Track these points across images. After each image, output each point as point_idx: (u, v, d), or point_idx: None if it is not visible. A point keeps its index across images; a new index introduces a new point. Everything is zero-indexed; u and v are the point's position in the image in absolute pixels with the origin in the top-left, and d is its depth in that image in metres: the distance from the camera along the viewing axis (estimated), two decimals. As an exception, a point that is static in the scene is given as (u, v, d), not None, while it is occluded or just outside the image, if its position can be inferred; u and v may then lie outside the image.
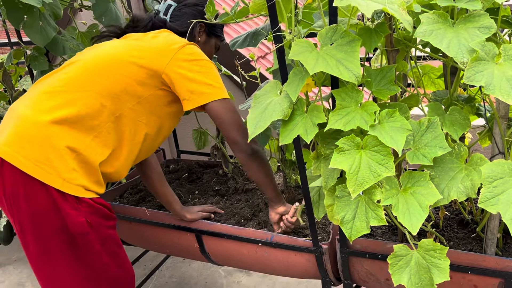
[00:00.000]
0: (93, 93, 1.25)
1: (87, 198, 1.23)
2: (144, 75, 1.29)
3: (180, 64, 1.28)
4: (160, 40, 1.34)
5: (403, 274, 1.01)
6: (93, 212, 1.24)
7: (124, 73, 1.28)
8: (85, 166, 1.23)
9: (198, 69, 1.29)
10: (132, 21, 1.48)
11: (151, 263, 2.51)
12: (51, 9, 1.44)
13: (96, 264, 1.28)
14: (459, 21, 0.97)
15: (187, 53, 1.30)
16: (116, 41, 1.39)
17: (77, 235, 1.23)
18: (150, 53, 1.30)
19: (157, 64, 1.29)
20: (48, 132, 1.19)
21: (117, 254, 1.34)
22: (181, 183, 1.97)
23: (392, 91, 1.06)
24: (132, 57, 1.29)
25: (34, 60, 1.53)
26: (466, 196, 1.00)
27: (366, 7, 0.90)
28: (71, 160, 1.21)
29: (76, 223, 1.21)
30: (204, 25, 1.47)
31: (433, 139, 1.00)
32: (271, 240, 1.42)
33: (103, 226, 1.28)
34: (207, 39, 1.52)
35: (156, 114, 1.35)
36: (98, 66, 1.29)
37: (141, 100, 1.30)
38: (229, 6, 3.24)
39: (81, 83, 1.26)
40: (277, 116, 1.06)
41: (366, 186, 0.95)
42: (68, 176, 1.20)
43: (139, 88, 1.29)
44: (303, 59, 0.96)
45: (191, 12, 1.47)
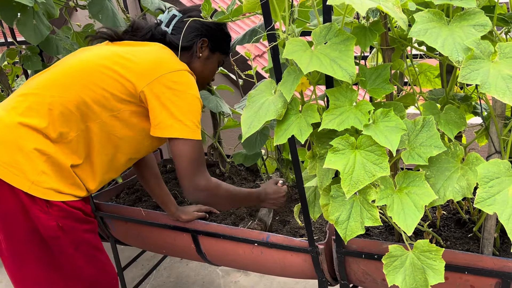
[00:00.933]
0: (64, 100, 1.21)
1: (58, 202, 1.20)
2: (121, 89, 1.23)
3: (161, 88, 1.22)
4: (151, 57, 1.27)
5: (398, 275, 1.00)
6: (66, 215, 1.22)
7: (100, 84, 1.22)
8: (57, 169, 1.21)
9: (176, 101, 1.22)
10: (131, 28, 1.40)
11: (148, 263, 2.50)
12: (44, 7, 1.43)
13: (69, 267, 1.26)
14: (454, 19, 0.96)
15: (173, 80, 1.23)
16: (104, 48, 1.33)
17: (48, 238, 1.21)
18: (135, 69, 1.24)
19: (137, 80, 1.23)
20: (17, 134, 1.17)
21: (94, 257, 1.32)
22: (177, 183, 1.96)
23: (387, 90, 1.05)
24: (113, 71, 1.23)
25: (27, 59, 1.52)
26: (462, 196, 0.99)
27: (360, 5, 0.89)
28: (41, 162, 1.18)
29: (46, 226, 1.19)
30: (207, 40, 1.39)
31: (428, 139, 0.99)
32: (267, 240, 1.41)
33: (77, 230, 1.25)
34: (209, 55, 1.42)
35: (132, 129, 1.29)
36: (76, 72, 1.24)
37: (115, 114, 1.25)
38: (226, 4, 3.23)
39: (55, 87, 1.23)
40: (271, 116, 1.05)
41: (360, 186, 0.94)
42: (37, 179, 1.17)
43: (114, 102, 1.24)
44: (297, 58, 0.95)
45: (193, 26, 1.37)
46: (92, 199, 1.72)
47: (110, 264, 1.39)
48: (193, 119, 1.24)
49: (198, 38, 1.38)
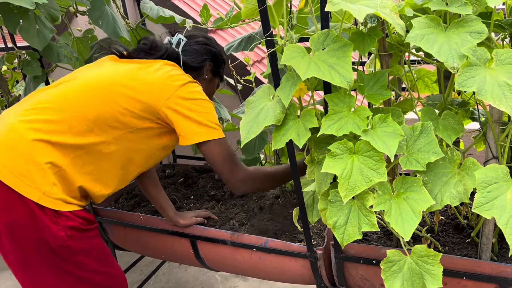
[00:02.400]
0: (82, 116, 1.24)
1: (66, 212, 1.23)
2: (139, 107, 1.27)
3: (179, 102, 1.28)
4: (163, 74, 1.31)
5: (396, 280, 1.00)
6: (73, 225, 1.24)
7: (118, 102, 1.26)
8: (66, 181, 1.24)
9: (195, 108, 1.29)
10: (149, 47, 1.43)
11: (147, 268, 2.50)
12: (47, 11, 1.43)
13: (81, 274, 1.28)
14: (451, 25, 0.96)
15: (188, 91, 1.30)
16: (118, 65, 1.36)
17: (57, 248, 1.22)
18: (150, 87, 1.28)
19: (154, 100, 1.27)
20: (32, 147, 1.19)
21: (103, 261, 1.34)
22: (176, 188, 1.96)
23: (385, 96, 1.05)
24: (130, 88, 1.27)
25: (26, 65, 1.52)
26: (459, 201, 0.99)
27: (358, 11, 0.90)
28: (52, 174, 1.21)
29: (56, 236, 1.21)
30: (212, 64, 1.49)
31: (426, 145, 1.00)
32: (265, 245, 1.41)
33: (84, 238, 1.28)
34: (212, 78, 1.53)
35: (147, 144, 1.34)
36: (92, 89, 1.27)
37: (132, 130, 1.29)
38: (225, 10, 3.25)
39: (71, 102, 1.25)
40: (269, 122, 1.05)
41: (358, 191, 0.95)
42: (48, 190, 1.20)
43: (131, 118, 1.27)
44: (295, 64, 0.95)
45: (202, 50, 1.47)
46: (91, 205, 1.72)
47: (118, 267, 1.42)
48: (214, 120, 1.32)
49: (207, 61, 1.47)
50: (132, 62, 1.37)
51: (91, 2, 1.54)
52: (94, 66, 1.38)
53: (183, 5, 2.81)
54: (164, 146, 1.38)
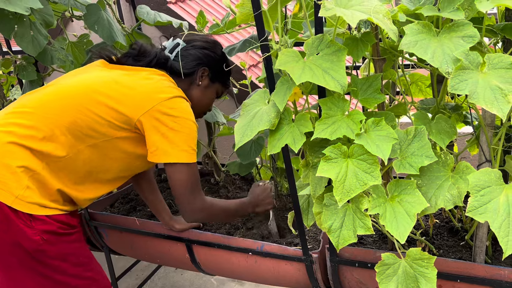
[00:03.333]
0: (57, 122, 1.22)
1: (42, 216, 1.21)
2: (116, 117, 1.24)
3: (158, 116, 1.23)
4: (147, 85, 1.27)
5: (391, 283, 1.01)
6: (49, 229, 1.22)
7: (94, 110, 1.23)
8: (42, 186, 1.22)
9: (173, 126, 1.23)
10: (138, 52, 1.39)
11: (143, 273, 2.49)
12: (41, 17, 1.44)
13: (59, 278, 1.26)
14: (444, 30, 0.98)
15: (169, 106, 1.24)
16: (102, 73, 1.32)
17: (33, 251, 1.21)
18: (130, 97, 1.24)
19: (133, 111, 1.23)
20: (5, 150, 1.18)
21: (84, 266, 1.32)
22: (170, 193, 1.96)
23: (379, 100, 1.06)
24: (108, 97, 1.24)
25: (22, 69, 1.53)
26: (453, 204, 1.00)
27: (351, 17, 0.91)
28: (26, 178, 1.19)
29: (30, 240, 1.20)
30: (208, 69, 1.42)
31: (420, 148, 1.00)
32: (261, 249, 1.41)
33: (62, 242, 1.26)
34: (209, 84, 1.44)
35: (125, 153, 1.30)
36: (69, 96, 1.25)
37: (109, 139, 1.26)
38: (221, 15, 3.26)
39: (47, 109, 1.23)
40: (264, 126, 1.06)
41: (352, 194, 0.95)
42: (21, 194, 1.18)
43: (108, 128, 1.25)
44: (289, 69, 0.96)
45: (196, 55, 1.40)
46: (86, 209, 1.72)
47: (101, 272, 1.39)
48: (190, 143, 1.27)
49: (199, 66, 1.40)
50: (119, 69, 1.34)
51: (87, 7, 1.54)
52: (81, 71, 1.36)
53: (179, 9, 2.82)
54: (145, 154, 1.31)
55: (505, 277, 1.11)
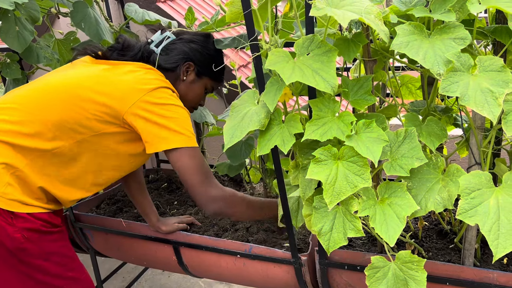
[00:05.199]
0: (43, 118, 1.19)
1: (23, 213, 1.19)
2: (103, 111, 1.21)
3: (146, 107, 1.19)
4: (133, 77, 1.24)
5: (381, 286, 1.00)
6: (31, 227, 1.20)
7: (81, 105, 1.20)
8: (23, 183, 1.20)
9: (164, 113, 1.20)
10: (122, 46, 1.36)
11: (129, 275, 2.46)
12: (27, 12, 1.40)
13: (41, 277, 1.24)
14: (435, 32, 0.97)
15: (158, 96, 1.21)
16: (87, 68, 1.30)
17: (15, 250, 1.19)
18: (115, 91, 1.22)
19: (119, 104, 1.21)
20: None
21: (66, 265, 1.30)
22: (160, 193, 1.94)
23: (369, 101, 1.06)
24: (94, 92, 1.21)
25: (6, 67, 1.49)
26: (443, 207, 0.99)
27: (342, 17, 0.90)
28: (8, 175, 1.17)
29: (12, 238, 1.18)
30: (193, 64, 1.38)
31: (410, 150, 1.00)
32: (249, 251, 1.39)
33: (44, 241, 1.24)
34: (195, 79, 1.40)
35: (115, 149, 1.27)
36: (56, 92, 1.22)
37: (98, 134, 1.23)
38: (211, 14, 3.24)
39: (34, 105, 1.21)
40: (254, 127, 1.04)
41: (343, 197, 0.94)
42: (2, 191, 1.16)
43: (96, 123, 1.22)
44: (279, 69, 0.95)
45: (181, 49, 1.36)
46: (71, 210, 1.69)
47: (84, 272, 1.37)
48: (185, 126, 1.22)
49: (183, 61, 1.36)
50: (104, 64, 1.31)
51: (74, 4, 1.51)
52: (66, 68, 1.34)
53: (167, 8, 2.79)
54: (135, 152, 1.29)
55: (494, 280, 1.11)
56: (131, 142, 1.27)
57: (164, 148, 1.21)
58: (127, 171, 1.36)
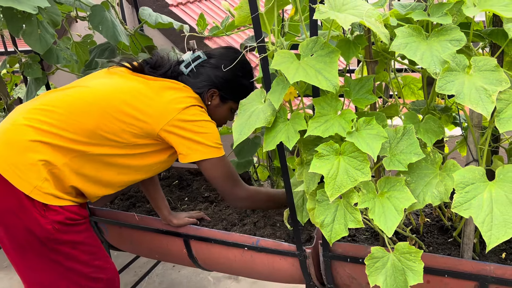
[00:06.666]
0: (82, 124, 1.28)
1: (55, 206, 1.28)
2: (139, 126, 1.30)
3: (179, 124, 1.30)
4: (167, 96, 1.33)
5: (379, 276, 1.05)
6: (61, 219, 1.29)
7: (119, 117, 1.29)
8: (58, 179, 1.29)
9: (195, 129, 1.31)
10: (154, 64, 1.45)
11: (141, 270, 2.53)
12: (49, 16, 1.49)
13: (70, 265, 1.34)
14: (433, 34, 1.02)
15: (188, 113, 1.31)
16: (125, 80, 1.38)
17: (45, 239, 1.28)
18: (152, 110, 1.30)
19: (154, 122, 1.30)
20: (29, 144, 1.25)
21: (93, 254, 1.40)
22: (171, 190, 2.01)
23: (370, 100, 1.11)
24: (132, 107, 1.30)
25: (28, 67, 1.58)
26: (440, 200, 1.04)
27: (344, 20, 0.96)
28: (45, 171, 1.26)
29: (43, 229, 1.27)
30: (217, 91, 1.44)
31: (408, 146, 1.05)
32: (256, 244, 1.45)
33: (72, 232, 1.33)
34: (220, 104, 1.47)
35: (143, 158, 1.37)
36: (96, 101, 1.31)
37: (130, 145, 1.32)
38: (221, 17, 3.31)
39: (74, 110, 1.29)
40: (260, 124, 1.10)
41: (343, 190, 1.00)
42: (39, 185, 1.25)
43: (130, 136, 1.31)
44: (284, 69, 1.01)
45: (207, 75, 1.43)
46: (87, 204, 1.76)
47: (110, 262, 1.47)
48: (214, 139, 1.35)
49: (207, 88, 1.42)
50: (139, 78, 1.38)
51: (92, 8, 1.59)
52: (102, 75, 1.41)
53: (180, 12, 2.87)
54: (162, 160, 1.40)
55: (491, 273, 1.15)
56: (160, 152, 1.38)
57: (196, 159, 1.34)
58: (151, 174, 1.46)
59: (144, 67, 1.43)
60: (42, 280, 1.35)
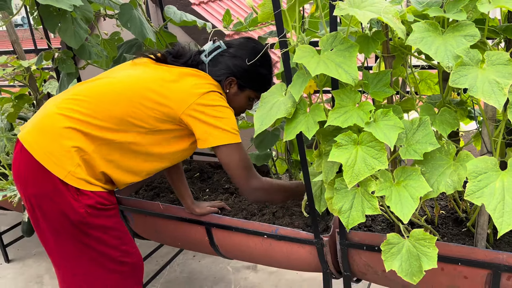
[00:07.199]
0: (110, 112, 1.36)
1: (88, 191, 1.37)
2: (163, 111, 1.37)
3: (198, 108, 1.36)
4: (188, 82, 1.40)
5: (395, 261, 1.10)
6: (92, 203, 1.38)
7: (145, 104, 1.36)
8: (90, 165, 1.37)
9: (214, 114, 1.37)
10: (176, 53, 1.51)
11: (162, 259, 2.62)
12: (82, 13, 1.59)
13: (100, 248, 1.43)
14: (448, 29, 1.07)
15: (208, 99, 1.37)
16: (149, 69, 1.45)
17: (77, 223, 1.37)
18: (174, 94, 1.37)
19: (177, 107, 1.36)
20: (62, 132, 1.34)
21: (121, 239, 1.49)
22: (193, 182, 2.08)
23: (387, 93, 1.16)
24: (157, 94, 1.37)
25: (62, 62, 1.67)
26: (453, 189, 1.09)
27: (363, 16, 1.01)
28: (78, 157, 1.35)
29: (76, 212, 1.36)
30: (235, 79, 1.49)
31: (424, 136, 1.09)
32: (276, 232, 1.51)
33: (103, 216, 1.42)
34: (238, 92, 1.51)
35: (169, 143, 1.44)
36: (123, 90, 1.39)
37: (155, 130, 1.40)
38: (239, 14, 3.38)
39: (102, 99, 1.38)
40: (281, 115, 1.16)
41: (361, 178, 1.05)
42: (73, 170, 1.34)
43: (155, 121, 1.38)
44: (305, 62, 1.07)
45: (226, 63, 1.48)
46: (114, 193, 1.84)
47: (135, 247, 1.56)
48: (232, 125, 1.39)
49: (225, 76, 1.48)
50: (163, 67, 1.46)
51: (121, 6, 1.68)
52: (128, 67, 1.50)
53: (202, 11, 2.95)
54: (184, 147, 1.46)
55: (504, 261, 1.19)
56: (182, 138, 1.45)
57: (213, 144, 1.39)
58: (174, 162, 1.53)
59: (167, 57, 1.51)
60: (73, 263, 1.44)
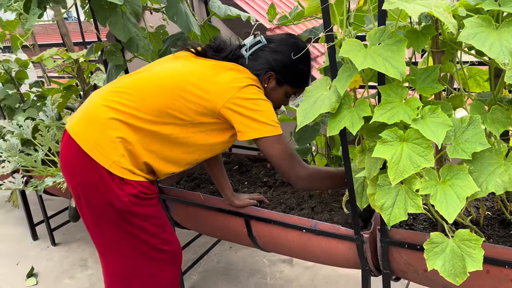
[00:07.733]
0: (152, 104, 1.40)
1: (131, 180, 1.42)
2: (203, 104, 1.40)
3: (238, 102, 1.37)
4: (228, 76, 1.41)
5: (438, 260, 1.07)
6: (135, 192, 1.43)
7: (185, 97, 1.39)
8: (133, 156, 1.42)
9: (253, 107, 1.38)
10: (217, 47, 1.53)
11: (200, 249, 2.67)
12: (131, 7, 1.65)
13: (140, 235, 1.48)
14: (503, 24, 1.03)
15: (247, 92, 1.39)
16: (190, 63, 1.48)
17: (121, 211, 1.43)
18: (214, 88, 1.39)
19: (216, 100, 1.38)
20: (107, 123, 1.39)
21: (161, 227, 1.54)
22: (231, 174, 2.11)
23: (435, 89, 1.13)
24: (197, 87, 1.39)
25: (111, 54, 1.74)
26: (504, 189, 1.05)
27: (413, 9, 0.99)
28: (122, 148, 1.40)
29: (120, 201, 1.41)
30: (274, 74, 1.49)
31: (474, 136, 1.06)
32: (314, 227, 1.51)
33: (145, 205, 1.47)
34: (276, 87, 1.52)
35: (208, 135, 1.46)
36: (165, 83, 1.42)
37: (195, 123, 1.43)
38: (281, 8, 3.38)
39: (145, 91, 1.42)
40: (325, 109, 1.16)
41: (406, 175, 1.03)
42: (118, 160, 1.39)
43: (195, 114, 1.41)
44: (352, 57, 1.06)
45: (265, 58, 1.48)
46: (156, 183, 1.90)
47: (175, 235, 1.60)
48: (271, 118, 1.41)
49: (265, 71, 1.48)
50: (202, 61, 1.49)
51: (168, 0, 1.71)
52: (169, 60, 1.54)
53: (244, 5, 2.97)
54: (223, 140, 1.49)
55: (554, 266, 1.14)
56: (221, 131, 1.47)
57: (254, 137, 1.40)
58: (214, 153, 1.56)
59: (207, 51, 1.53)
60: (116, 250, 1.51)
